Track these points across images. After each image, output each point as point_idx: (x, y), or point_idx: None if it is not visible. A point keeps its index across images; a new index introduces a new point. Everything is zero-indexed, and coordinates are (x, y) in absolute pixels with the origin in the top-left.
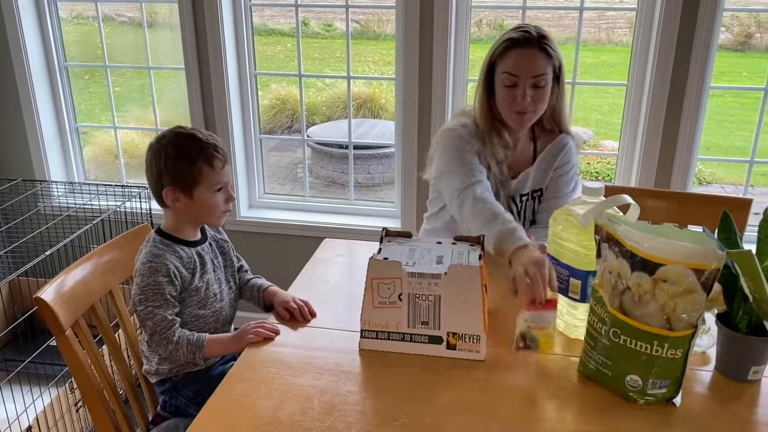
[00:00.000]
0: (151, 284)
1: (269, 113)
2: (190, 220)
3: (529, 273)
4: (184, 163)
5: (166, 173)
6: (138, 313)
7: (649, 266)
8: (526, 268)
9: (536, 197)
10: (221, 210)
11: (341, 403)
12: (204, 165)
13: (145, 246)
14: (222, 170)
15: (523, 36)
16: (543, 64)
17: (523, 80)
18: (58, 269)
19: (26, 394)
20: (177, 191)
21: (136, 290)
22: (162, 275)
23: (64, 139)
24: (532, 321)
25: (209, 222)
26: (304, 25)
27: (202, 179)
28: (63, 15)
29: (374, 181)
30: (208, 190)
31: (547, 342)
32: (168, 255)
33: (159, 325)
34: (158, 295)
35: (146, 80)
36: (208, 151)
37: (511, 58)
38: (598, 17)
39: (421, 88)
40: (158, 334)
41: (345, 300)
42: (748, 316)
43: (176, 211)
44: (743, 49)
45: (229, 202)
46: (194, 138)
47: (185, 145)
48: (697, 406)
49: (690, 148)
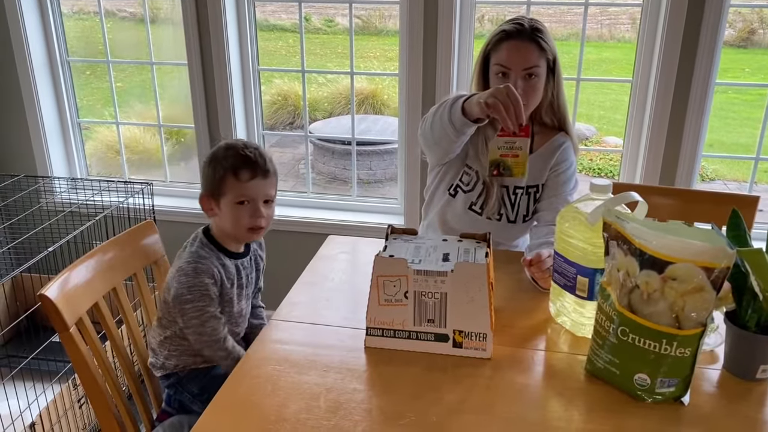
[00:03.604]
0: (198, 285)
1: (271, 109)
2: (225, 233)
3: (497, 98)
4: (211, 171)
5: (202, 180)
6: (185, 310)
7: (658, 264)
8: (489, 98)
9: (531, 193)
10: (245, 225)
11: (347, 401)
12: (229, 174)
13: (191, 244)
14: (249, 182)
15: (516, 28)
16: (535, 57)
17: (515, 72)
18: (61, 265)
19: (29, 391)
20: (210, 200)
21: (181, 288)
22: (207, 277)
23: (66, 135)
24: (506, 148)
25: (237, 237)
26: (305, 21)
27: (227, 189)
28: (65, 10)
29: (376, 177)
30: (231, 202)
31: (518, 168)
32: (214, 260)
33: (209, 324)
34: (206, 296)
35: (148, 75)
36: (236, 160)
37: (504, 50)
38: (600, 13)
39: (425, 84)
40: (207, 335)
41: (350, 297)
42: (757, 314)
43: (214, 221)
44: (746, 45)
45: (255, 218)
46: (231, 148)
47: (219, 154)
48: (706, 405)
49: (695, 145)
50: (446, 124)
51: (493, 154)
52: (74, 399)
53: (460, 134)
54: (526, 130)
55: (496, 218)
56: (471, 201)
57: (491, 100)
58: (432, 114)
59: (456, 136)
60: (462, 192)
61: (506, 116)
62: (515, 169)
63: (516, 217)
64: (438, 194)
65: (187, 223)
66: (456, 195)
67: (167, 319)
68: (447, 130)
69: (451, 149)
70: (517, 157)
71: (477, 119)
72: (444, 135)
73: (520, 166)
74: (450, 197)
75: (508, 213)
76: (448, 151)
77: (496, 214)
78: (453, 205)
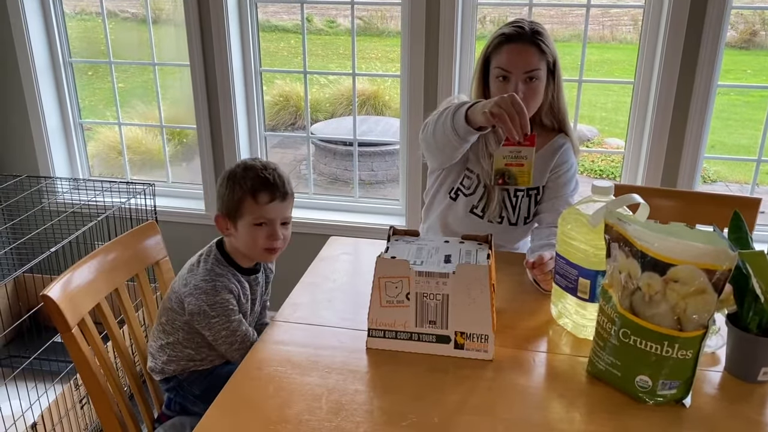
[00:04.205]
0: (219, 301)
1: (272, 110)
2: (240, 252)
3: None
4: (229, 192)
5: (218, 199)
6: (211, 325)
7: (660, 266)
8: (493, 107)
9: (532, 195)
10: (261, 246)
11: (349, 402)
12: (247, 196)
13: (205, 260)
14: (267, 205)
15: (516, 31)
16: (536, 60)
17: (516, 75)
18: (63, 266)
19: (31, 391)
20: (227, 220)
21: (203, 306)
22: (227, 292)
23: (69, 136)
24: (511, 157)
25: (252, 258)
26: (307, 22)
27: (245, 211)
28: (67, 11)
29: (377, 178)
30: (249, 224)
31: (523, 177)
32: (230, 276)
33: (238, 333)
34: (229, 310)
35: (150, 76)
36: (255, 183)
37: (504, 53)
38: (602, 14)
39: (427, 85)
40: (239, 342)
41: (352, 299)
42: (758, 316)
43: (229, 240)
44: (748, 46)
45: (272, 240)
46: (249, 169)
47: (237, 175)
48: (707, 407)
49: (697, 147)
50: (449, 131)
51: (499, 164)
52: (76, 399)
53: (464, 141)
54: (531, 140)
55: (497, 221)
56: (472, 204)
57: (496, 110)
58: (434, 120)
59: (459, 143)
60: (463, 195)
61: (512, 127)
62: (520, 178)
63: (517, 220)
64: (439, 197)
65: (188, 224)
66: (457, 198)
67: (171, 325)
68: (450, 137)
69: (453, 155)
70: (522, 166)
71: (480, 127)
72: (447, 142)
73: (525, 175)
74: (451, 200)
75: (509, 216)
76: (451, 156)
77: (498, 217)
78: (454, 208)
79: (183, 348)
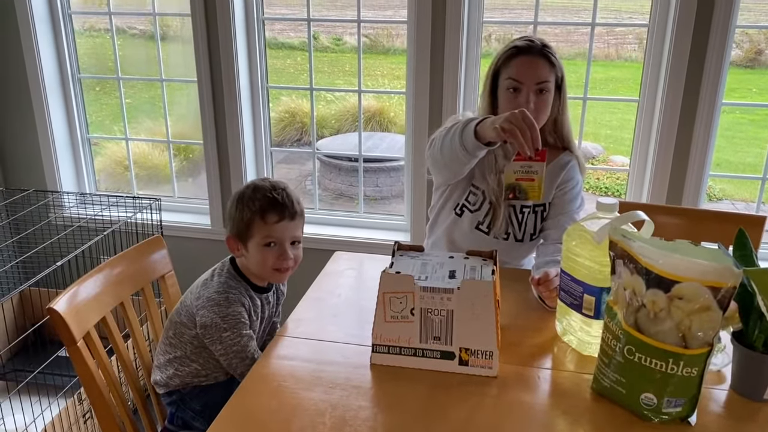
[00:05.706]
0: (232, 313)
1: (278, 126)
2: (252, 272)
3: (513, 123)
4: (238, 213)
5: (228, 221)
6: (222, 339)
7: (665, 283)
8: (504, 122)
9: (538, 212)
10: (270, 266)
11: (352, 418)
12: (255, 216)
13: (218, 275)
14: (276, 225)
15: (527, 44)
16: (546, 72)
17: (527, 86)
18: (69, 280)
19: (35, 405)
20: (237, 241)
21: (215, 318)
22: (239, 305)
23: (76, 150)
24: (521, 172)
25: (264, 278)
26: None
27: (254, 231)
28: (76, 27)
29: (382, 194)
30: (258, 244)
31: (534, 192)
32: (243, 290)
33: (249, 349)
34: (241, 324)
35: (157, 92)
36: (264, 203)
37: (516, 65)
38: (607, 33)
39: (432, 102)
40: (249, 358)
41: (356, 314)
42: (764, 334)
43: (241, 261)
44: (753, 65)
45: (282, 260)
46: (258, 190)
47: (246, 195)
48: (713, 426)
49: (702, 164)
50: (457, 146)
51: (509, 179)
52: (80, 413)
53: (472, 157)
54: (542, 155)
55: (503, 237)
56: (478, 220)
57: (507, 125)
58: (441, 136)
59: (467, 158)
60: (468, 211)
61: (523, 142)
62: (531, 193)
63: (523, 236)
64: (444, 213)
65: (194, 239)
66: (462, 214)
67: (179, 339)
68: (458, 152)
69: (460, 171)
70: (532, 181)
71: (489, 142)
72: (455, 157)
73: (535, 190)
74: (456, 216)
75: (515, 232)
76: (458, 173)
77: (504, 234)
78: (459, 224)
79: (190, 362)
